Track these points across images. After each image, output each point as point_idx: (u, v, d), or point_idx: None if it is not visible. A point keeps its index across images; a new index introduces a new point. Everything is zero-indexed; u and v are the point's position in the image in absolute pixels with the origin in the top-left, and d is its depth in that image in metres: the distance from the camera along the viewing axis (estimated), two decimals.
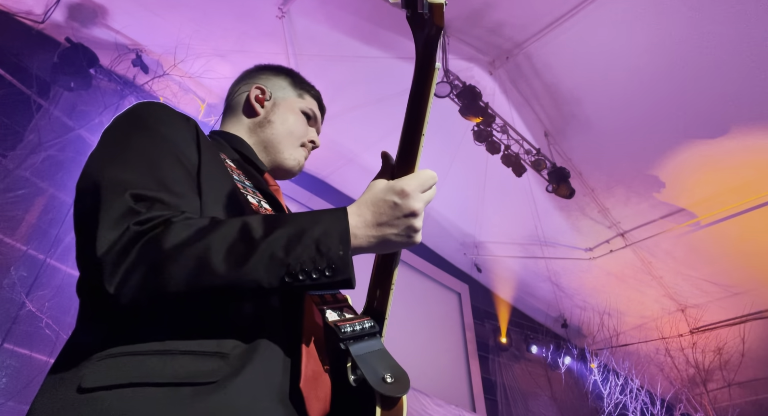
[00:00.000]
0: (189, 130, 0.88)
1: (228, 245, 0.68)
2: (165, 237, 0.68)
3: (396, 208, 0.74)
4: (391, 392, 0.68)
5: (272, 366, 0.73)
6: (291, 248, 0.68)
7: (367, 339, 0.76)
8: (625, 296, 7.66)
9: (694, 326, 7.63)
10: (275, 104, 1.17)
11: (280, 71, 1.24)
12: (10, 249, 3.83)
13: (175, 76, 4.98)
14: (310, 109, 1.21)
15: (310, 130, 1.21)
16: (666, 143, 5.62)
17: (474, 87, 5.01)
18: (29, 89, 4.21)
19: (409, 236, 0.76)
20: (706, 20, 4.53)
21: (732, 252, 6.64)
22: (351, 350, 0.72)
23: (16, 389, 3.52)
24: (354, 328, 0.76)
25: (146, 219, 0.70)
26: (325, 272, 0.68)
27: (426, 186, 0.77)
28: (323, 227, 0.71)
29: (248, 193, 0.93)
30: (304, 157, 1.19)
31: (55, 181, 4.25)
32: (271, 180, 1.11)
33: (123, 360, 0.66)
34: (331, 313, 0.78)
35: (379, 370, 0.70)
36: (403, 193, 0.74)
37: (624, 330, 7.91)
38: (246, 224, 0.71)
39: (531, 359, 8.00)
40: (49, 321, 3.83)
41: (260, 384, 0.70)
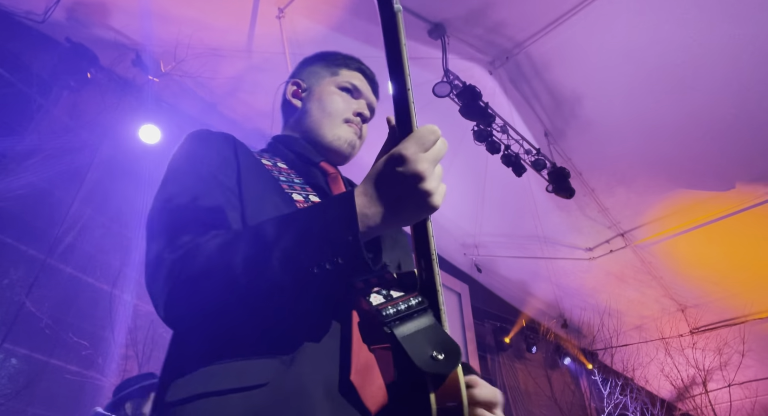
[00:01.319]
0: (227, 147, 0.95)
1: (245, 256, 0.71)
2: (193, 262, 0.74)
3: (399, 176, 0.69)
4: (439, 369, 0.65)
5: (321, 361, 0.74)
6: (301, 244, 0.69)
7: (416, 317, 0.72)
8: (625, 296, 7.66)
9: (694, 326, 7.63)
10: (310, 93, 1.19)
11: (313, 59, 1.26)
12: (10, 249, 3.83)
13: (175, 76, 4.98)
14: (349, 82, 1.18)
15: (354, 103, 1.18)
16: (667, 143, 5.62)
17: (474, 87, 5.01)
18: (29, 89, 4.20)
19: (424, 202, 0.70)
20: (707, 20, 4.53)
21: (732, 252, 6.64)
22: (396, 332, 0.68)
23: (16, 389, 3.52)
24: (398, 308, 0.72)
25: (177, 246, 0.77)
26: (338, 261, 0.67)
27: (426, 143, 0.71)
28: (330, 216, 0.71)
29: (295, 190, 0.95)
30: (352, 132, 1.15)
31: (55, 181, 4.25)
32: (330, 168, 1.10)
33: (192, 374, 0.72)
34: (376, 297, 0.75)
35: (426, 349, 0.67)
36: (402, 158, 0.69)
37: (624, 330, 7.91)
38: (259, 230, 0.74)
39: (531, 359, 8.00)
40: (49, 322, 3.83)
41: (309, 380, 0.71)
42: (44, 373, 3.73)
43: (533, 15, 4.81)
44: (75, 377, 3.94)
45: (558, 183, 5.73)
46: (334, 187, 1.06)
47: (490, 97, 5.35)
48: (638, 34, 4.76)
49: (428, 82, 4.95)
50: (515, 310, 8.44)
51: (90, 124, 4.60)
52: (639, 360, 7.78)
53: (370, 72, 1.25)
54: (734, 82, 4.90)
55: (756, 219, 6.11)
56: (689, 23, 4.57)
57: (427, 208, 0.71)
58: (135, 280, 4.65)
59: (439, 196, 0.71)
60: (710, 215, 6.26)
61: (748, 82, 4.88)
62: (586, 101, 5.46)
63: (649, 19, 4.62)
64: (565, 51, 5.05)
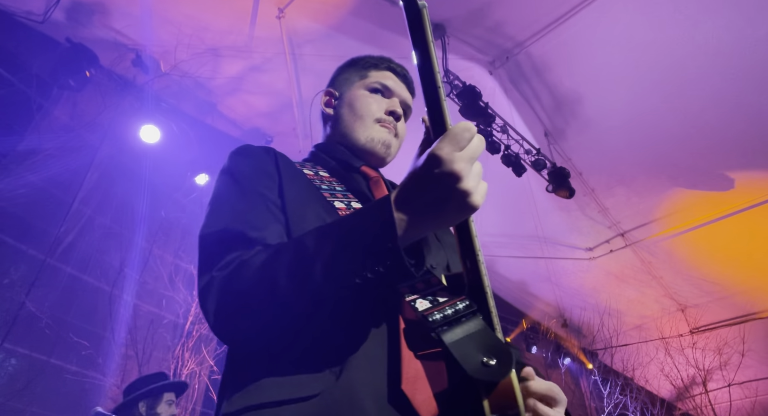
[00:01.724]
0: (268, 160, 0.98)
1: (288, 268, 0.72)
2: (239, 280, 0.76)
3: (435, 177, 0.67)
4: (490, 376, 0.61)
5: (370, 370, 0.74)
6: (340, 255, 0.69)
7: (464, 321, 0.68)
8: (625, 296, 7.66)
9: (694, 326, 7.63)
10: (341, 99, 1.19)
11: (346, 65, 1.26)
12: (10, 249, 3.83)
13: (175, 76, 4.98)
14: (378, 82, 1.18)
15: (385, 102, 1.17)
16: (667, 142, 5.62)
17: (474, 87, 5.01)
18: (29, 89, 4.20)
19: (463, 202, 0.67)
20: (707, 19, 4.53)
21: (732, 252, 6.64)
22: (444, 338, 0.65)
23: (16, 389, 3.52)
24: (445, 313, 0.69)
25: (225, 264, 0.79)
26: (379, 269, 0.67)
27: (461, 141, 0.68)
28: (367, 224, 0.70)
29: (337, 198, 0.96)
30: (385, 132, 1.14)
31: (55, 180, 4.25)
32: (371, 172, 1.11)
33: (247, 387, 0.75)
34: (422, 302, 0.71)
35: (476, 354, 0.63)
36: (437, 159, 0.67)
37: (624, 330, 7.91)
38: (301, 242, 0.75)
39: (531, 359, 8.00)
40: (49, 321, 3.83)
41: (360, 390, 0.71)
42: (44, 373, 3.73)
43: (533, 15, 4.81)
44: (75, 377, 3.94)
45: (558, 183, 5.73)
46: (376, 191, 1.06)
47: (490, 97, 5.35)
48: (638, 34, 4.76)
49: None
50: (515, 310, 8.44)
51: (90, 124, 4.60)
52: (639, 360, 7.77)
53: (402, 69, 1.24)
54: (734, 81, 4.90)
55: (756, 218, 6.11)
56: (690, 22, 4.57)
57: (468, 209, 0.69)
58: (135, 280, 4.65)
59: (479, 195, 0.69)
60: (710, 215, 6.25)
61: (748, 82, 4.88)
62: (586, 101, 5.46)
63: (649, 19, 4.62)
64: (565, 51, 5.05)
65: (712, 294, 7.26)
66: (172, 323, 4.80)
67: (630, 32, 4.76)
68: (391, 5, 4.52)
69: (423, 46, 0.71)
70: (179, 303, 4.68)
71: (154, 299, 4.79)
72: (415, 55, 0.72)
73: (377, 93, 1.17)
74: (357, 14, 4.65)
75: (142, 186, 4.96)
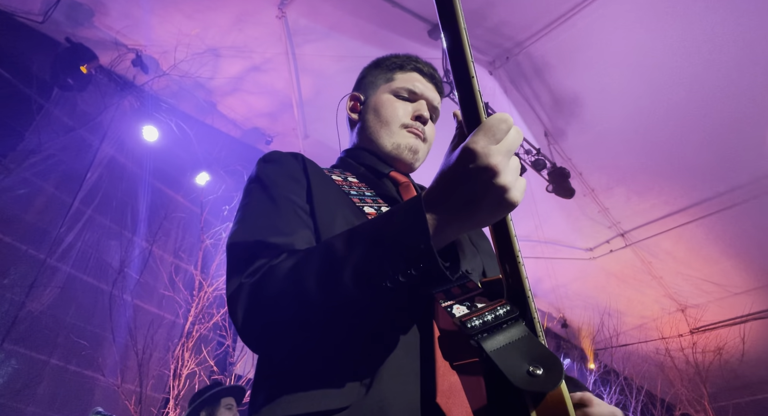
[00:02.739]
0: (297, 166, 0.97)
1: (317, 275, 0.70)
2: (267, 286, 0.74)
3: (470, 173, 0.62)
4: (540, 387, 0.56)
5: (403, 381, 0.71)
6: (372, 258, 0.66)
7: (505, 328, 0.63)
8: (625, 296, 7.66)
9: (694, 326, 7.63)
10: (367, 104, 1.17)
11: (371, 67, 1.24)
12: (10, 249, 3.83)
13: (175, 76, 4.98)
14: (403, 86, 1.14)
15: (411, 106, 1.13)
16: (667, 142, 5.62)
17: None
18: (29, 89, 4.20)
19: (501, 198, 0.63)
20: (707, 19, 4.53)
21: (732, 252, 6.64)
22: (484, 346, 0.60)
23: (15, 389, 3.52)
24: (484, 319, 0.63)
25: (254, 270, 0.78)
26: (411, 272, 0.63)
27: (498, 133, 0.63)
28: (399, 225, 0.66)
29: (366, 203, 0.93)
30: (412, 138, 1.11)
31: (55, 180, 4.25)
32: (401, 177, 1.09)
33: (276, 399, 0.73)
34: (459, 308, 0.66)
35: (522, 363, 0.58)
36: (472, 153, 0.62)
37: (624, 330, 7.90)
38: (329, 246, 0.72)
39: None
40: (49, 322, 3.83)
41: (391, 403, 0.68)
42: (44, 373, 3.73)
43: (533, 15, 4.81)
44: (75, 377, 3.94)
45: (558, 183, 5.73)
46: (406, 196, 1.03)
47: (490, 97, 5.35)
48: (638, 34, 4.76)
49: None
50: None
51: (90, 124, 4.60)
52: (639, 360, 7.77)
53: (429, 69, 1.20)
54: (735, 81, 4.90)
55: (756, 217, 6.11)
56: (690, 22, 4.57)
57: (506, 206, 0.64)
58: (135, 280, 4.65)
59: (518, 191, 0.64)
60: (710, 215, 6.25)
61: (748, 82, 4.88)
62: (586, 101, 5.46)
63: (649, 19, 4.62)
64: (565, 51, 5.05)
65: (712, 294, 7.26)
66: (172, 323, 4.80)
67: (630, 32, 4.76)
68: (391, 5, 4.52)
69: (456, 35, 0.65)
70: (179, 303, 4.67)
71: (154, 299, 4.79)
72: (446, 44, 0.66)
73: (403, 96, 1.14)
74: (357, 14, 4.65)
75: (142, 186, 4.96)
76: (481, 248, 1.03)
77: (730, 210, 6.12)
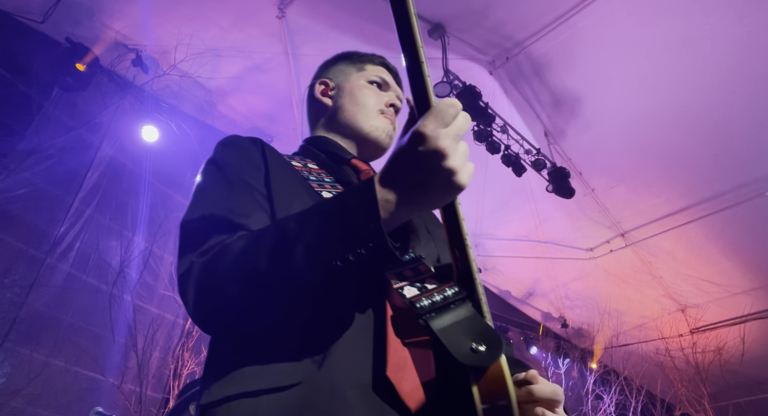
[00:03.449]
0: (255, 149, 0.97)
1: (268, 253, 0.70)
2: (219, 264, 0.74)
3: (420, 156, 0.64)
4: (481, 361, 0.60)
5: (355, 358, 0.72)
6: (322, 236, 0.67)
7: (452, 308, 0.67)
8: (625, 296, 7.66)
9: (694, 326, 7.63)
10: (340, 89, 1.19)
11: (336, 59, 1.27)
12: (10, 249, 3.83)
13: (175, 76, 4.98)
14: (377, 75, 1.19)
15: (385, 95, 1.18)
16: (667, 142, 5.62)
17: (474, 87, 5.01)
18: (29, 89, 4.20)
19: (448, 181, 0.65)
20: (707, 19, 4.53)
21: (732, 252, 6.64)
22: (432, 325, 0.64)
23: (15, 389, 3.52)
24: (433, 299, 0.68)
25: (206, 249, 0.78)
26: (361, 251, 0.64)
27: (446, 118, 0.65)
28: (350, 205, 0.68)
29: (325, 189, 0.94)
30: (388, 123, 1.15)
31: (55, 180, 4.25)
32: (362, 164, 1.10)
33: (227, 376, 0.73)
34: (410, 289, 0.70)
35: (465, 341, 0.63)
36: (421, 136, 0.64)
37: (624, 330, 7.90)
38: (281, 225, 0.73)
39: (531, 359, 8.00)
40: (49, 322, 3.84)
41: (343, 378, 0.70)
42: (44, 373, 3.73)
43: (533, 15, 4.81)
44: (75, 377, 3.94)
45: (558, 183, 5.73)
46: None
47: (490, 97, 5.35)
48: (639, 34, 4.76)
49: None
50: (515, 310, 8.44)
51: (90, 124, 4.60)
52: (639, 360, 7.77)
53: (393, 66, 1.26)
54: (735, 81, 4.90)
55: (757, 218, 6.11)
56: (690, 22, 4.57)
57: (454, 188, 0.65)
58: (135, 280, 4.65)
59: (466, 174, 0.66)
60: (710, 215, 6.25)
61: (748, 82, 4.88)
62: (586, 101, 5.46)
63: (649, 19, 4.62)
64: (565, 51, 5.05)
65: (712, 294, 7.26)
66: (172, 323, 4.81)
67: (630, 32, 4.76)
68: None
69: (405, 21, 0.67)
70: (179, 303, 4.67)
71: (154, 299, 4.79)
72: (397, 30, 0.68)
73: (376, 86, 1.19)
74: (357, 14, 4.65)
75: (142, 186, 4.96)
76: (435, 236, 1.05)
77: (730, 210, 6.12)
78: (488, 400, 0.61)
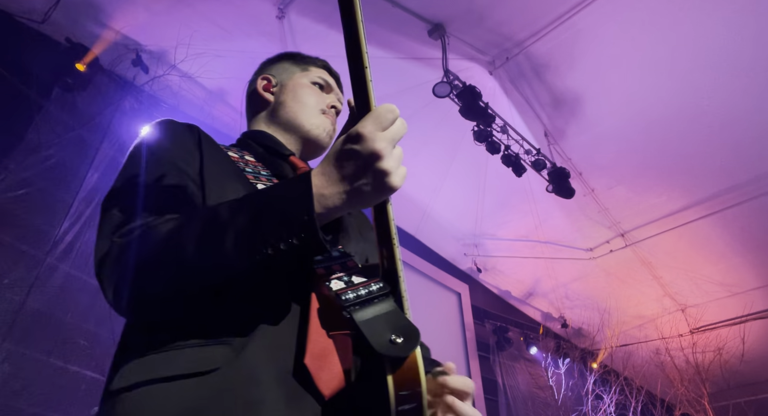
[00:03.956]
0: (191, 136, 0.94)
1: (197, 237, 0.69)
2: (143, 246, 0.72)
3: (356, 155, 0.67)
4: (397, 352, 0.65)
5: (276, 346, 0.73)
6: (255, 224, 0.68)
7: (376, 302, 0.72)
8: (625, 296, 7.66)
9: (694, 326, 7.64)
10: (283, 86, 1.20)
11: (280, 57, 1.28)
12: (10, 249, 3.83)
13: (174, 76, 4.98)
14: (320, 77, 1.21)
15: (327, 97, 1.20)
16: (667, 142, 5.62)
17: (474, 87, 5.01)
18: (29, 89, 4.21)
19: (381, 181, 0.68)
20: (707, 19, 4.53)
21: (732, 251, 6.64)
22: (355, 317, 0.68)
23: (15, 389, 3.52)
24: (358, 293, 0.72)
25: (128, 230, 0.75)
26: (293, 241, 0.66)
27: (384, 122, 0.68)
28: (286, 195, 0.69)
29: (260, 181, 0.94)
30: (329, 123, 1.17)
31: (55, 180, 4.25)
32: (300, 162, 1.10)
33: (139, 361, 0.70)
34: (337, 283, 0.74)
35: (385, 333, 0.67)
36: (359, 136, 0.67)
37: (624, 330, 7.91)
38: (213, 211, 0.72)
39: (531, 359, 8.00)
40: (49, 321, 3.83)
41: (261, 366, 0.69)
42: (44, 373, 3.73)
43: (533, 15, 4.81)
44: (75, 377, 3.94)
45: (558, 183, 5.73)
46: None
47: (490, 97, 5.35)
48: (638, 34, 4.76)
49: (428, 82, 4.95)
50: (515, 310, 8.45)
51: (90, 124, 4.60)
52: (639, 360, 7.78)
53: (336, 73, 1.28)
54: (735, 81, 4.90)
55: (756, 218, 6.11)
56: (690, 22, 4.57)
57: (386, 189, 0.69)
58: None
59: (398, 176, 0.69)
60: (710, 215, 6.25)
61: (748, 82, 4.88)
62: (586, 101, 5.46)
63: (649, 19, 4.62)
64: (565, 51, 5.05)
65: (712, 294, 7.26)
66: None
67: (630, 32, 4.76)
68: (391, 5, 4.52)
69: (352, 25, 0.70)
70: None
71: None
72: (344, 33, 0.71)
73: (318, 87, 1.20)
74: None
75: None
76: (367, 238, 1.07)
77: (730, 210, 6.13)
78: (401, 388, 0.65)
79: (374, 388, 0.68)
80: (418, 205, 6.89)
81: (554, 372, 7.48)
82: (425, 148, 5.99)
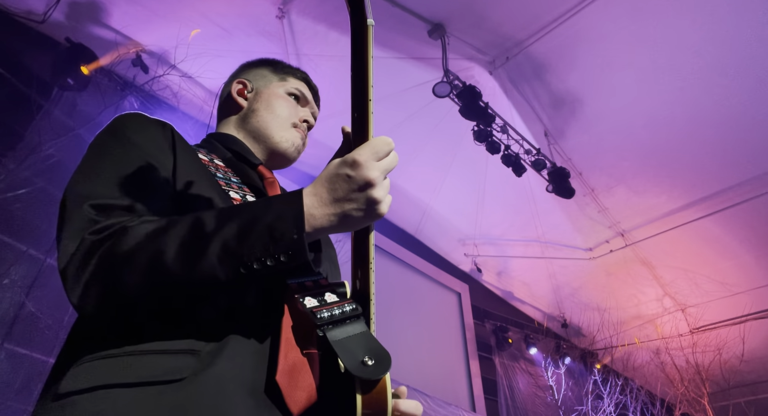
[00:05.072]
0: (164, 135, 0.91)
1: (180, 243, 0.68)
2: (119, 245, 0.69)
3: (350, 180, 0.70)
4: (370, 374, 0.66)
5: (246, 360, 0.71)
6: (244, 237, 0.67)
7: (348, 323, 0.73)
8: (625, 296, 7.66)
9: (694, 326, 7.64)
10: (258, 93, 1.17)
11: (260, 62, 1.25)
12: (10, 249, 3.83)
13: (175, 76, 4.98)
14: (297, 89, 1.19)
15: (301, 110, 1.19)
16: (667, 142, 5.62)
17: (474, 87, 5.01)
18: (29, 89, 4.21)
19: (370, 208, 0.70)
20: (707, 19, 4.53)
21: (732, 252, 6.64)
22: (328, 336, 0.69)
23: (15, 389, 3.52)
24: (332, 313, 0.72)
25: (102, 227, 0.72)
26: (280, 258, 0.66)
27: (380, 153, 0.71)
28: (276, 212, 0.69)
29: (232, 188, 0.92)
30: (299, 138, 1.16)
31: (55, 180, 4.25)
32: (267, 172, 1.09)
33: (96, 363, 0.67)
34: (311, 300, 0.74)
35: (358, 354, 0.68)
36: (355, 163, 0.69)
37: (624, 330, 7.91)
38: (198, 219, 0.71)
39: (531, 359, 8.01)
40: (49, 322, 3.83)
41: (230, 379, 0.68)
42: (44, 373, 3.73)
43: (533, 15, 4.81)
44: None
45: (558, 183, 5.73)
46: (271, 192, 1.03)
47: (490, 97, 5.35)
48: (638, 34, 4.76)
49: (428, 82, 4.96)
50: (515, 310, 8.45)
51: (90, 124, 4.60)
52: (639, 360, 7.78)
53: (315, 86, 1.27)
54: (735, 81, 4.90)
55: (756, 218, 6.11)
56: (690, 22, 4.57)
57: (373, 215, 0.71)
58: None
59: (386, 205, 0.72)
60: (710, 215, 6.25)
61: (748, 82, 4.88)
62: (586, 101, 5.46)
63: (649, 19, 4.62)
64: (565, 51, 5.05)
65: (712, 294, 7.26)
66: None
67: (630, 32, 4.76)
68: (391, 5, 4.52)
69: (362, 60, 0.72)
70: None
71: None
72: (352, 65, 0.73)
73: (295, 98, 1.19)
74: None
75: None
76: (328, 256, 1.08)
77: (730, 210, 6.13)
78: (368, 408, 0.68)
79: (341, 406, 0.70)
80: (418, 205, 6.89)
81: (554, 372, 7.48)
82: (425, 148, 5.99)
